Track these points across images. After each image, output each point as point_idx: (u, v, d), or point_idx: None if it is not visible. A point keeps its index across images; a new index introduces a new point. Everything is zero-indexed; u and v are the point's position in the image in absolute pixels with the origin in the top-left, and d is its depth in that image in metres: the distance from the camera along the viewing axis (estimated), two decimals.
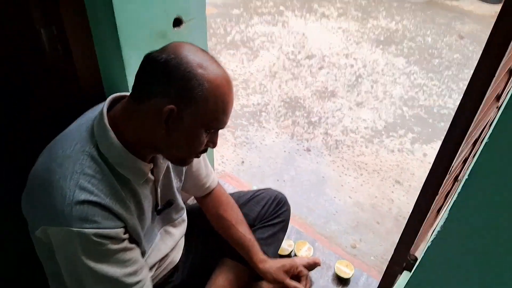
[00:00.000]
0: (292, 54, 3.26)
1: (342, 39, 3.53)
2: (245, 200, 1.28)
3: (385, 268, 1.22)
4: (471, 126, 0.87)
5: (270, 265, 1.15)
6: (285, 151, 2.29)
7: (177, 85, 0.73)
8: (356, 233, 1.82)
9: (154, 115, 0.75)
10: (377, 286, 1.34)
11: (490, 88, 0.82)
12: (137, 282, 0.84)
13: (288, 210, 1.32)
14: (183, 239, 1.14)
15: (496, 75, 0.79)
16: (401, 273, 1.23)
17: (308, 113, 2.60)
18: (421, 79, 3.03)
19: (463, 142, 0.90)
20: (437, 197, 1.09)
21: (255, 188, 1.58)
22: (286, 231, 1.33)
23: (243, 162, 2.19)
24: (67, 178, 0.74)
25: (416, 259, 1.19)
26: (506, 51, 0.76)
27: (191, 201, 1.55)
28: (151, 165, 0.87)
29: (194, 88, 0.73)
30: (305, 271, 1.20)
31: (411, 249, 1.17)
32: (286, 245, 1.47)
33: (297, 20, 3.84)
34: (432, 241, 0.64)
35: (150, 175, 0.87)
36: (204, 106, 0.75)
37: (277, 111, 2.60)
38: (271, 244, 1.25)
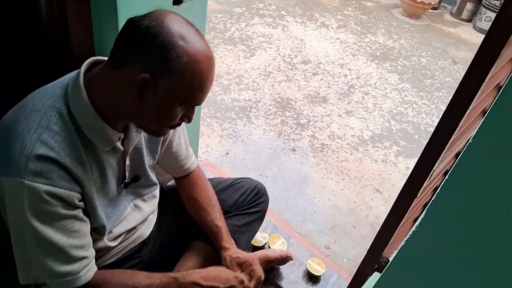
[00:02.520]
0: (288, 57, 3.29)
1: (339, 50, 3.57)
2: (224, 186, 1.27)
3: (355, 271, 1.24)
4: (452, 137, 0.89)
5: (229, 253, 1.11)
6: (270, 148, 2.30)
7: (155, 53, 0.71)
8: (331, 235, 1.84)
9: (128, 82, 0.73)
10: (346, 286, 1.35)
11: (475, 100, 0.83)
12: (83, 258, 0.80)
13: (266, 201, 1.32)
14: (154, 216, 1.13)
15: (481, 88, 0.81)
16: (371, 275, 1.25)
17: (298, 114, 2.62)
18: (411, 96, 3.08)
19: (443, 152, 0.92)
20: (414, 202, 1.11)
21: None
22: (261, 222, 1.33)
23: (227, 153, 2.19)
24: (31, 131, 0.72)
25: (388, 261, 1.20)
26: (493, 65, 0.78)
27: (172, 182, 1.54)
28: (121, 135, 0.84)
29: (172, 60, 0.71)
30: (258, 273, 1.11)
31: (384, 252, 1.19)
32: (261, 237, 1.47)
33: (297, 26, 3.87)
34: (406, 240, 0.65)
35: (119, 145, 0.84)
36: (180, 80, 0.73)
37: (267, 109, 2.62)
38: (245, 232, 1.25)
